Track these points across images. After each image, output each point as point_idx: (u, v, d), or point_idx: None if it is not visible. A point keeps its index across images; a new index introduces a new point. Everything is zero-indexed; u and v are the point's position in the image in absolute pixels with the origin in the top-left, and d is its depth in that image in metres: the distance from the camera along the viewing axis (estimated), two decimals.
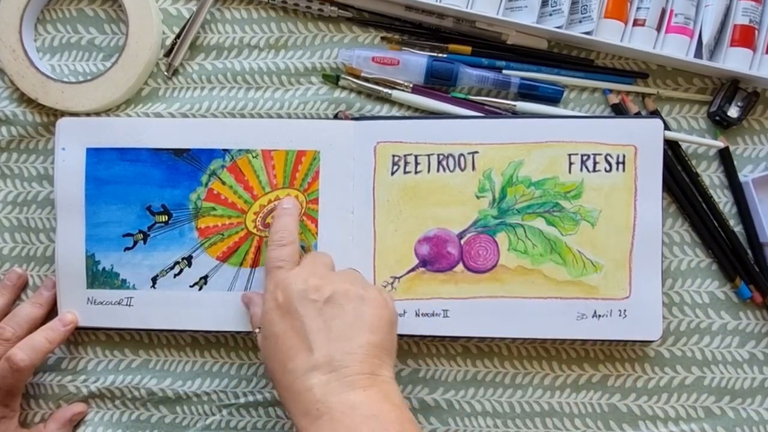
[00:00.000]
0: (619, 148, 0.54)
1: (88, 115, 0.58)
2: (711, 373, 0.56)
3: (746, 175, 0.57)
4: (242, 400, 0.58)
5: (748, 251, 0.56)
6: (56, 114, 0.58)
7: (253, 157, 0.56)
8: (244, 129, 0.56)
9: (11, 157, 0.59)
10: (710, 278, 0.57)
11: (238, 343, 0.58)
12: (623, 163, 0.54)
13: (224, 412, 0.58)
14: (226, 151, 0.56)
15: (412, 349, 0.57)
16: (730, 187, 0.57)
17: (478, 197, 0.55)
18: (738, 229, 0.57)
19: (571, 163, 0.55)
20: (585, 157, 0.54)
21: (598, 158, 0.54)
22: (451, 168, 0.55)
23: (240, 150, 0.56)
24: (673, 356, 0.56)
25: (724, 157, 0.57)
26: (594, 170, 0.54)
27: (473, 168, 0.55)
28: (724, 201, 0.57)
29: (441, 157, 0.55)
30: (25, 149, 0.59)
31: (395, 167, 0.55)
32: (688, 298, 0.56)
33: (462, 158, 0.55)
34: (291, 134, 0.56)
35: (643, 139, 0.54)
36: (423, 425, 0.57)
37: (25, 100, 0.59)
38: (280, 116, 0.58)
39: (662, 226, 0.54)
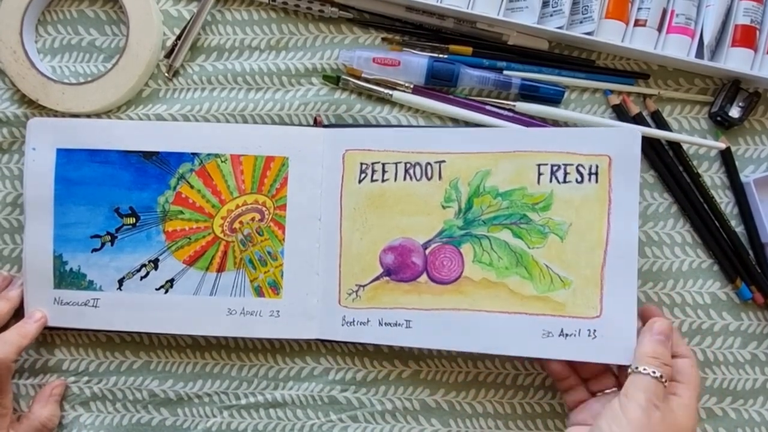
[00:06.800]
0: (592, 158, 0.52)
1: (88, 116, 0.58)
2: (713, 374, 0.56)
3: (747, 175, 0.57)
4: (243, 401, 0.58)
5: (750, 252, 0.56)
6: (57, 115, 0.58)
7: (222, 161, 0.56)
8: (213, 133, 0.56)
9: (12, 159, 0.59)
10: (711, 279, 0.56)
11: (239, 345, 0.58)
12: (596, 173, 0.52)
13: (225, 413, 0.58)
14: (195, 154, 0.56)
15: (413, 350, 0.57)
16: (732, 187, 0.57)
17: (444, 207, 0.54)
18: (739, 229, 0.56)
19: (540, 174, 0.53)
20: (555, 168, 0.53)
21: (568, 169, 0.52)
22: (418, 177, 0.54)
23: (209, 154, 0.56)
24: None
25: (726, 158, 0.57)
26: (564, 181, 0.52)
27: (440, 177, 0.54)
28: (725, 201, 0.57)
29: (408, 165, 0.54)
30: None
31: (362, 175, 0.55)
32: (690, 299, 0.56)
33: (429, 167, 0.54)
34: (260, 140, 0.56)
35: (618, 148, 0.52)
36: (424, 427, 0.57)
37: (25, 101, 0.59)
38: (281, 117, 0.58)
39: (638, 242, 0.51)
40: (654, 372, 0.46)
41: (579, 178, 0.52)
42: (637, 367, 0.47)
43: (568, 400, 0.53)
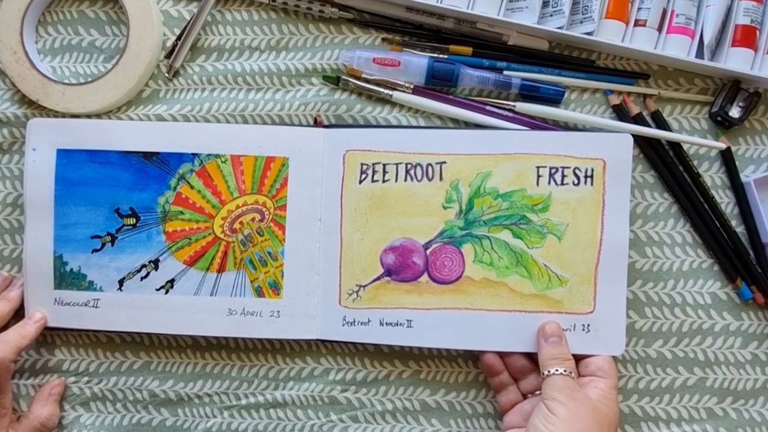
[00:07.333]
0: (588, 161, 0.54)
1: (89, 116, 0.58)
2: (713, 374, 0.56)
3: (748, 175, 0.57)
4: (243, 401, 0.58)
5: (750, 252, 0.56)
6: (57, 116, 0.58)
7: (222, 162, 0.56)
8: (213, 134, 0.56)
9: (12, 159, 0.59)
10: (712, 279, 0.56)
11: (239, 345, 0.58)
12: (591, 177, 0.54)
13: (225, 414, 0.58)
14: (195, 155, 0.56)
15: (413, 350, 0.57)
16: (732, 187, 0.57)
17: (445, 208, 0.55)
18: (740, 229, 0.56)
19: (539, 176, 0.54)
20: (553, 170, 0.54)
21: (566, 171, 0.54)
22: (419, 177, 0.55)
23: (209, 155, 0.56)
24: (676, 357, 0.56)
25: (726, 158, 0.57)
26: (562, 183, 0.54)
27: (441, 178, 0.55)
28: (725, 201, 0.57)
29: (409, 166, 0.55)
30: None
31: (363, 175, 0.55)
32: (690, 299, 0.56)
33: (430, 168, 0.55)
34: (260, 140, 0.56)
35: (612, 153, 0.54)
36: (424, 427, 0.57)
37: (26, 101, 0.59)
38: (281, 117, 0.58)
39: (628, 241, 0.54)
40: (558, 370, 0.50)
41: (576, 181, 0.54)
42: (546, 372, 0.51)
43: (501, 402, 0.54)
